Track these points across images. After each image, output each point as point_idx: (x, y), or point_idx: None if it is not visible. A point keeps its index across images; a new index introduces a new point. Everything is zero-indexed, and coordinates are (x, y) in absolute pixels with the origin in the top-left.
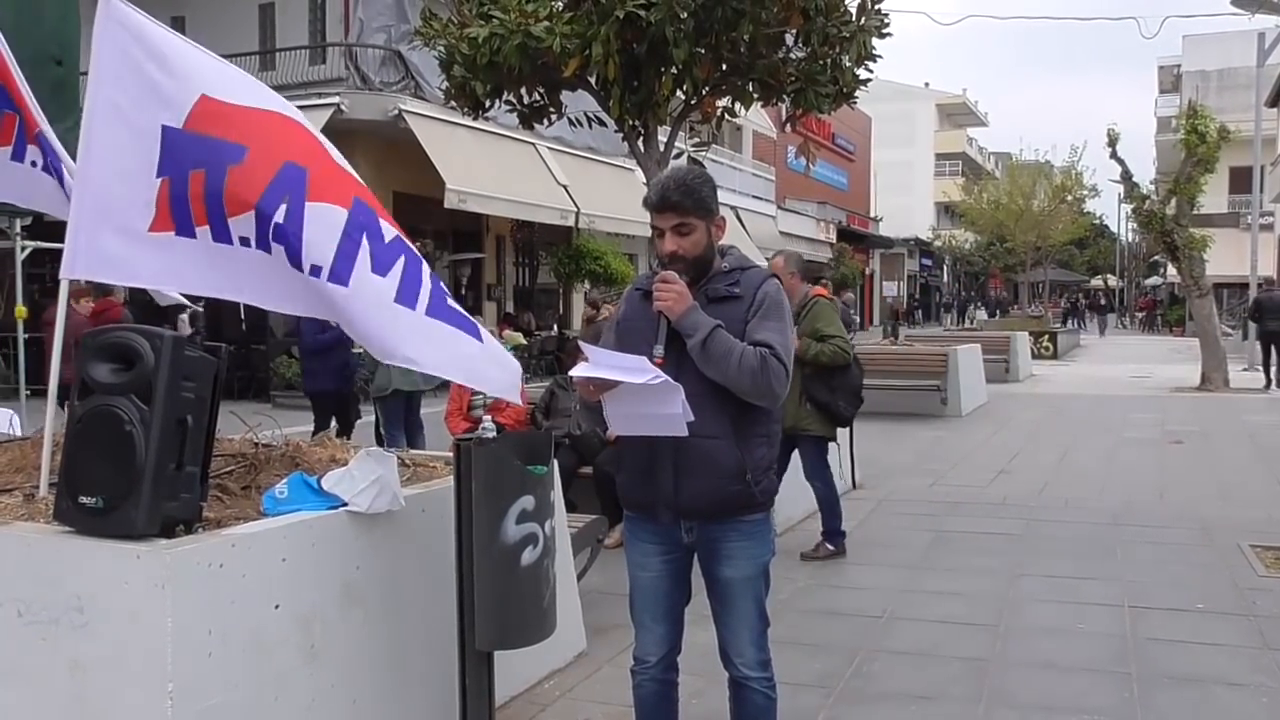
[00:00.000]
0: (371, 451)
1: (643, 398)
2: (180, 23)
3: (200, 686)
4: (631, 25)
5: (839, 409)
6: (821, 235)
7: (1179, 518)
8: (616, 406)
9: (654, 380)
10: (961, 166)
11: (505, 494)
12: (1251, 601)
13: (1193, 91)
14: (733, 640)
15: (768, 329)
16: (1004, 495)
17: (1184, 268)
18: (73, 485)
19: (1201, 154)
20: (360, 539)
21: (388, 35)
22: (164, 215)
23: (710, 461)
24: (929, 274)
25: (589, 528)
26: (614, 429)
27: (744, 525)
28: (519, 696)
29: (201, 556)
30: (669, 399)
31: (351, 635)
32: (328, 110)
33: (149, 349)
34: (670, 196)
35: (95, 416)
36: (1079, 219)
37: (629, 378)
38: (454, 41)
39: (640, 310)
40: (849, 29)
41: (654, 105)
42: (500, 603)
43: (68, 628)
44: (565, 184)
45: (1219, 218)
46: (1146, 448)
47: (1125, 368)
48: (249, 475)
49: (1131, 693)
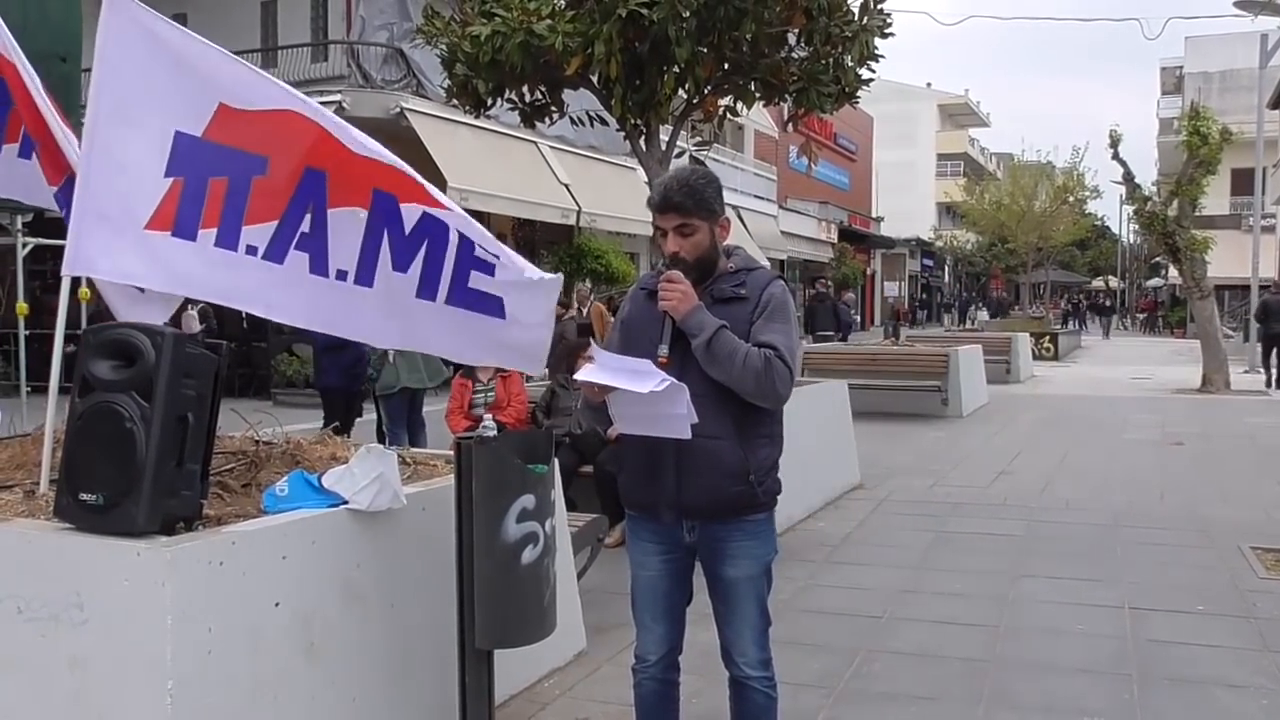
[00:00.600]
0: (372, 449)
1: (648, 399)
2: (183, 20)
3: (200, 684)
4: (634, 24)
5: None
6: (823, 235)
7: (1179, 519)
8: (621, 407)
9: (659, 387)
10: (963, 167)
11: (506, 493)
12: (1252, 603)
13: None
14: (734, 640)
15: (773, 330)
16: (1005, 496)
17: (1185, 269)
18: (73, 482)
19: (1203, 155)
20: (361, 537)
21: (390, 33)
22: (166, 214)
23: (713, 461)
24: (930, 274)
25: (589, 527)
26: (619, 428)
27: (747, 525)
28: (519, 695)
29: (202, 554)
30: (674, 399)
31: (351, 633)
32: (329, 108)
33: (150, 346)
34: (672, 197)
35: (96, 413)
36: (1080, 220)
37: (634, 386)
38: (456, 40)
39: (645, 309)
40: (851, 29)
41: (656, 104)
42: (500, 601)
43: (68, 625)
44: (567, 183)
45: (1221, 219)
46: (1147, 449)
47: (1126, 369)
48: (249, 473)
49: (1131, 694)
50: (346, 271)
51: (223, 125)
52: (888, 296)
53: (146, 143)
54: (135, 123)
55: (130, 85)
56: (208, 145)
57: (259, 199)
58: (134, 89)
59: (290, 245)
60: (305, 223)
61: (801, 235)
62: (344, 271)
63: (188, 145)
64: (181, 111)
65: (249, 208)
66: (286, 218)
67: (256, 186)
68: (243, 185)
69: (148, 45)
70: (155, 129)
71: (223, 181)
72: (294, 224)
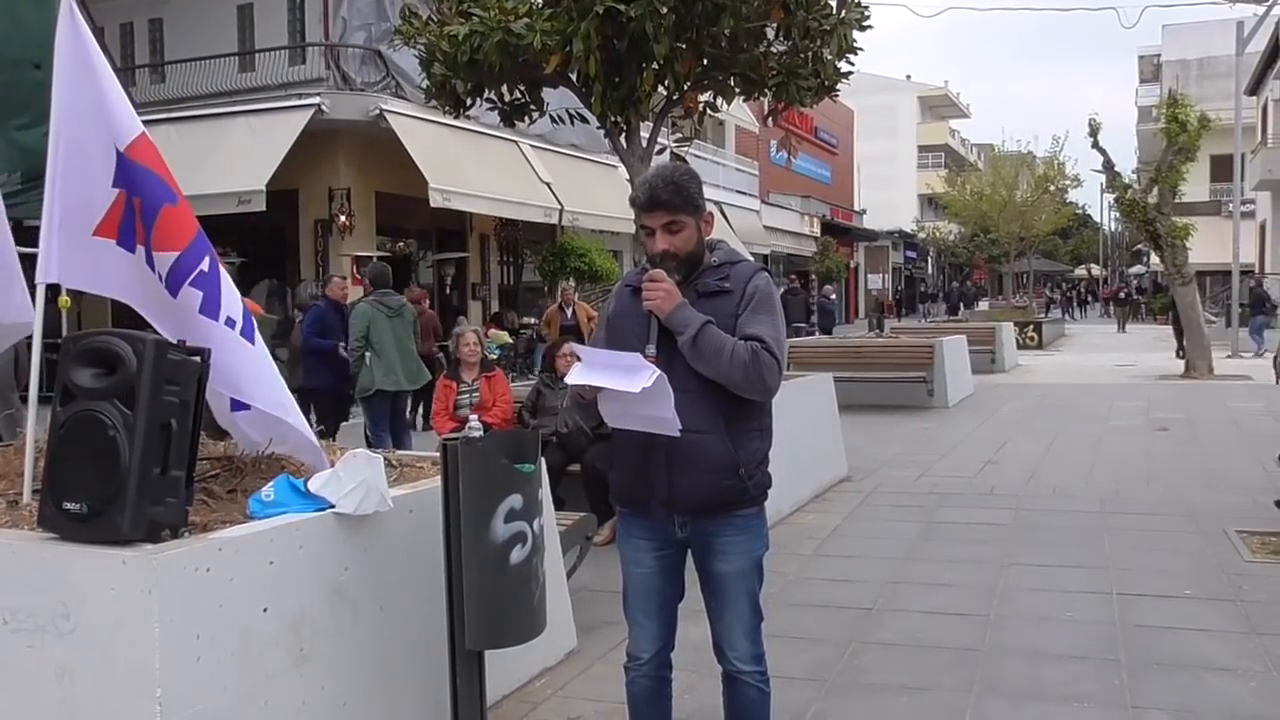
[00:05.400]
0: (358, 453)
1: (635, 402)
2: (158, 25)
3: (188, 691)
4: (612, 21)
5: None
6: (806, 229)
7: (1166, 504)
8: (610, 405)
9: (649, 382)
10: (944, 158)
11: (493, 493)
12: (1238, 586)
13: (1173, 80)
14: (726, 635)
15: (759, 322)
16: (992, 485)
17: (1167, 256)
18: (57, 491)
19: (1182, 142)
20: (348, 541)
21: (368, 34)
22: (111, 223)
23: (702, 457)
24: (914, 266)
25: (578, 525)
26: (610, 423)
27: (738, 520)
28: (510, 695)
29: (188, 561)
30: (660, 404)
31: (341, 637)
32: (308, 111)
33: (131, 353)
34: (660, 195)
35: (78, 421)
36: (1062, 209)
37: (624, 385)
38: (434, 39)
39: (630, 306)
40: (829, 22)
41: (636, 101)
42: (490, 602)
43: (54, 634)
44: (549, 182)
45: (1201, 206)
46: (1133, 435)
47: (1110, 356)
48: (235, 479)
49: (1121, 679)
50: (235, 321)
51: (143, 149)
52: (871, 289)
53: (100, 151)
54: (91, 131)
55: (86, 93)
56: (127, 162)
57: (165, 226)
58: (91, 97)
59: (186, 280)
60: (205, 262)
61: (785, 230)
62: (232, 320)
63: (120, 160)
64: (115, 126)
65: (155, 233)
66: (189, 251)
67: (165, 214)
68: (152, 210)
69: (99, 58)
70: (106, 139)
71: (138, 202)
72: (194, 259)
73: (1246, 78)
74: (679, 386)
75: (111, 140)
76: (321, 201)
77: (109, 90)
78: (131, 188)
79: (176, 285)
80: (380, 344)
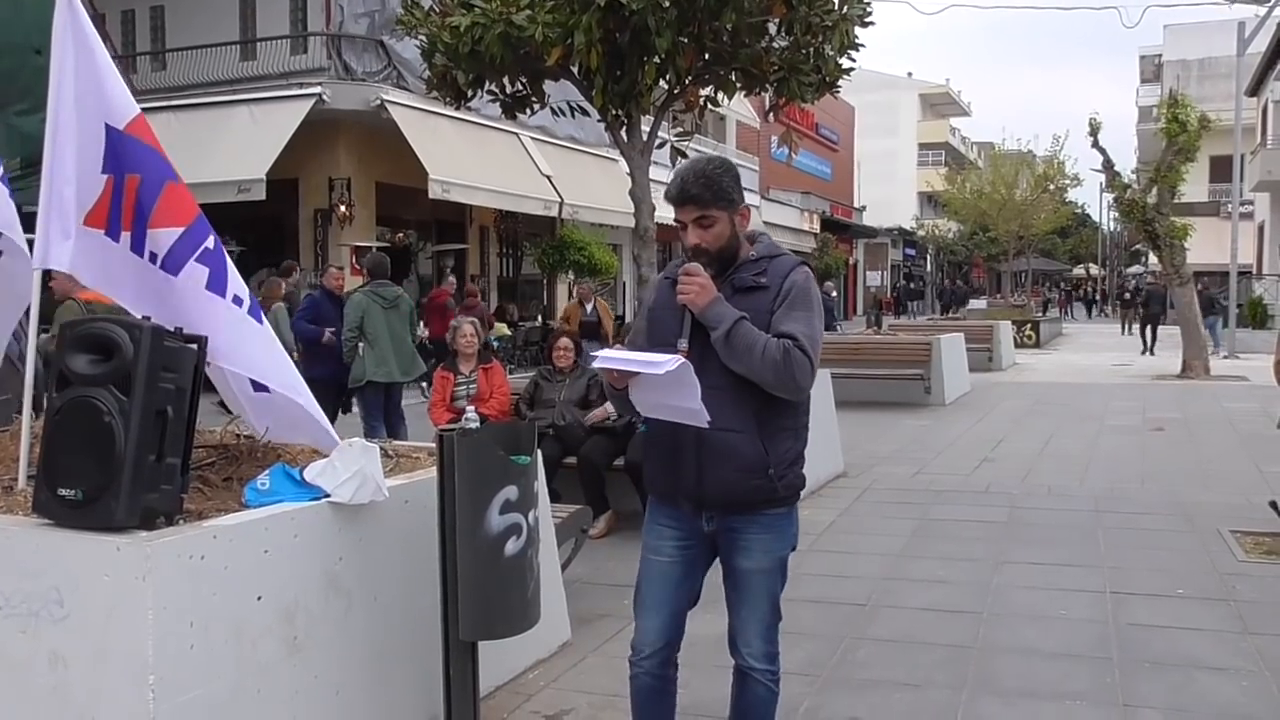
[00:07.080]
0: (354, 443)
1: (662, 389)
2: (160, 12)
3: (182, 678)
4: (614, 14)
5: None
6: (805, 225)
7: (1160, 504)
8: (640, 393)
9: (672, 366)
10: (945, 156)
11: (488, 484)
12: (1232, 586)
13: (1174, 81)
14: (741, 629)
15: (794, 319)
16: (987, 483)
17: (1165, 256)
18: (52, 477)
19: (1182, 143)
20: (343, 530)
21: (370, 23)
22: (100, 212)
23: (733, 455)
24: (913, 263)
25: (573, 518)
26: (642, 413)
27: (764, 518)
28: (503, 687)
29: (182, 548)
30: (686, 393)
31: (335, 627)
32: (309, 100)
33: (128, 340)
34: (690, 189)
35: (74, 408)
36: (1061, 208)
37: (647, 369)
38: (435, 30)
39: (669, 299)
40: (831, 18)
41: (637, 94)
42: (484, 593)
43: (48, 620)
44: (549, 174)
45: (1200, 206)
46: (1128, 435)
47: (1107, 356)
48: (230, 467)
49: (1113, 677)
50: (242, 300)
51: (144, 127)
52: (870, 286)
53: (93, 137)
54: (87, 116)
55: (83, 79)
56: (128, 139)
57: (168, 202)
58: (86, 83)
59: (190, 257)
60: (210, 240)
61: (784, 225)
62: (240, 299)
63: (115, 139)
64: (109, 106)
65: (156, 209)
66: (193, 227)
67: (169, 190)
68: (154, 186)
69: (96, 42)
70: (98, 123)
71: (136, 178)
72: (199, 237)
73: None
74: (712, 384)
75: (104, 123)
76: (321, 191)
77: (105, 74)
78: (131, 165)
79: (180, 262)
80: (374, 334)
